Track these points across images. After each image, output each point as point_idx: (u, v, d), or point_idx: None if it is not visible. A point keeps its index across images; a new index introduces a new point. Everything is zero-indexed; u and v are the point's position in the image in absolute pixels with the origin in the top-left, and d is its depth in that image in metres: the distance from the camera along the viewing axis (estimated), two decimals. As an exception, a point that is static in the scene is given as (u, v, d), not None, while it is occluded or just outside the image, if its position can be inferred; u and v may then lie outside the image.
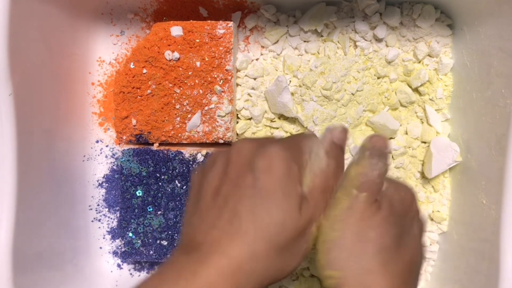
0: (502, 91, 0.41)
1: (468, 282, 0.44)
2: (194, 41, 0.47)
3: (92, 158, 0.53)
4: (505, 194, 0.39)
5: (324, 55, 0.49)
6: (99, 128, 0.53)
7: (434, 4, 0.48)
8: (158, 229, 0.50)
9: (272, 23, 0.50)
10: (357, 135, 0.49)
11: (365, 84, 0.48)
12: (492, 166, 0.42)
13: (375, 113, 0.49)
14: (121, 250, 0.50)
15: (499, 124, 0.41)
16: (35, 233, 0.44)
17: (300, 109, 0.48)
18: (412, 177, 0.50)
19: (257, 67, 0.50)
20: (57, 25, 0.47)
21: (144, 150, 0.49)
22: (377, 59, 0.49)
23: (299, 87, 0.48)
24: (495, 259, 0.39)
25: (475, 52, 0.45)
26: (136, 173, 0.49)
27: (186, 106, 0.48)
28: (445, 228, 0.49)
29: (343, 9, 0.49)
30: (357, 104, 0.48)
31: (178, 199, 0.49)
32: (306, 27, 0.48)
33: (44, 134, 0.45)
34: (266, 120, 0.50)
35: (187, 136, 0.49)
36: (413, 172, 0.50)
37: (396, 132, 0.49)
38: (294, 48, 0.50)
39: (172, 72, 0.48)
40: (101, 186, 0.53)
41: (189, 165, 0.49)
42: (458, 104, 0.48)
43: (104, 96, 0.53)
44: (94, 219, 0.53)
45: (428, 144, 0.49)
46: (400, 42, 0.49)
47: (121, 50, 0.53)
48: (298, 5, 0.49)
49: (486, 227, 0.42)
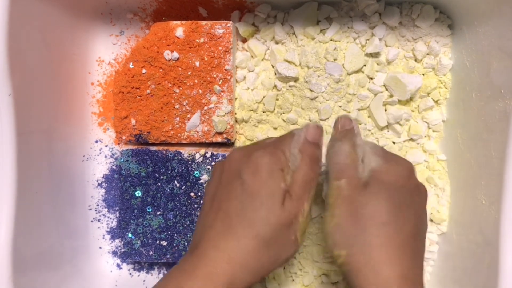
0: (502, 91, 0.41)
1: (468, 282, 0.44)
2: (193, 41, 0.47)
3: (91, 158, 0.53)
4: (504, 194, 0.39)
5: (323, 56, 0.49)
6: (98, 128, 0.53)
7: (434, 4, 0.48)
8: (157, 230, 0.49)
9: (267, 22, 0.50)
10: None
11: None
12: (492, 166, 0.42)
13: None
14: (121, 251, 0.50)
15: (498, 124, 0.41)
16: (35, 233, 0.44)
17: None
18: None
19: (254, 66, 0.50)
20: (57, 25, 0.47)
21: (142, 150, 0.49)
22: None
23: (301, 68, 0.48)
24: (494, 259, 0.39)
25: (474, 52, 0.45)
26: (135, 173, 0.49)
27: (186, 106, 0.48)
28: (445, 229, 0.49)
29: (342, 8, 0.49)
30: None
31: (177, 199, 0.49)
32: (298, 29, 0.49)
33: (44, 134, 0.45)
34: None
35: (187, 136, 0.49)
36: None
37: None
38: (291, 48, 0.50)
39: (172, 72, 0.48)
40: (100, 186, 0.53)
41: (188, 165, 0.49)
42: (457, 104, 0.48)
43: (103, 96, 0.53)
44: (93, 219, 0.53)
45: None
46: (400, 42, 0.49)
47: (120, 50, 0.53)
48: (295, 4, 0.49)
49: (486, 227, 0.42)
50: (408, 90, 0.48)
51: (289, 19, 0.49)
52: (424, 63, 0.49)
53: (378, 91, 0.49)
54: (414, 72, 0.49)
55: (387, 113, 0.49)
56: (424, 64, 0.49)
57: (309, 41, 0.49)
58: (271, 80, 0.50)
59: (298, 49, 0.49)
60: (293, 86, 0.49)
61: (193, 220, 0.49)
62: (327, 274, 0.51)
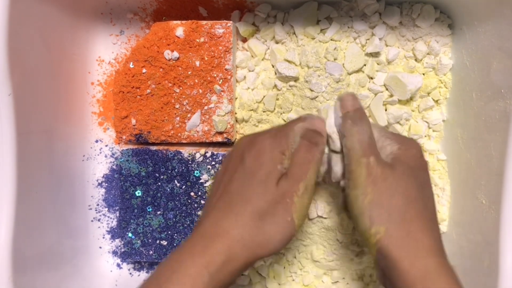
0: (502, 91, 0.41)
1: (468, 282, 0.44)
2: (193, 41, 0.47)
3: (91, 157, 0.53)
4: (504, 194, 0.39)
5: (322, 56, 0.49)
6: (98, 128, 0.53)
7: (434, 4, 0.48)
8: (157, 229, 0.49)
9: (267, 22, 0.50)
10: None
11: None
12: (492, 166, 0.42)
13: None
14: (121, 251, 0.50)
15: (498, 124, 0.41)
16: (35, 233, 0.44)
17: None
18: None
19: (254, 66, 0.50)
20: (57, 25, 0.47)
21: (143, 150, 0.49)
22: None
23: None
24: (494, 259, 0.39)
25: (474, 52, 0.45)
26: (135, 173, 0.49)
27: (186, 105, 0.48)
28: (445, 229, 0.49)
29: (342, 8, 0.49)
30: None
31: (177, 199, 0.49)
32: (298, 28, 0.49)
33: (44, 133, 0.45)
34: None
35: (187, 135, 0.49)
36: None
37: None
38: (292, 48, 0.50)
39: (172, 71, 0.48)
40: (100, 186, 0.53)
41: (188, 165, 0.49)
42: (457, 104, 0.48)
43: (103, 96, 0.53)
44: (93, 219, 0.53)
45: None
46: (400, 41, 0.49)
47: (120, 49, 0.53)
48: (295, 4, 0.49)
49: (486, 227, 0.42)
50: (408, 89, 0.48)
51: (289, 19, 0.49)
52: (424, 63, 0.49)
53: (378, 91, 0.49)
54: (414, 72, 0.49)
55: (387, 113, 0.49)
56: (424, 63, 0.49)
57: (309, 40, 0.49)
58: (271, 80, 0.50)
59: (298, 49, 0.49)
60: (293, 85, 0.49)
61: (193, 220, 0.49)
62: (328, 274, 0.51)
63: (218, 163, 0.49)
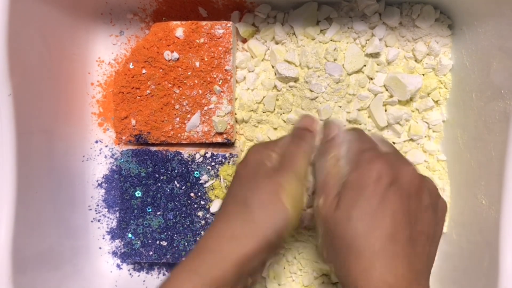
0: (502, 91, 0.41)
1: (468, 282, 0.44)
2: (193, 41, 0.47)
3: (91, 158, 0.53)
4: (504, 195, 0.39)
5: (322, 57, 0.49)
6: (98, 129, 0.53)
7: (434, 4, 0.48)
8: (157, 230, 0.49)
9: (266, 23, 0.50)
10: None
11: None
12: (492, 166, 0.42)
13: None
14: (121, 251, 0.50)
15: (498, 124, 0.41)
16: (35, 233, 0.44)
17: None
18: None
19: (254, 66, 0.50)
20: (57, 25, 0.47)
21: (142, 150, 0.49)
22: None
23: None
24: (494, 259, 0.39)
25: (474, 52, 0.45)
26: (135, 174, 0.49)
27: (186, 106, 0.48)
28: (444, 229, 0.49)
29: (342, 9, 0.49)
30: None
31: (177, 200, 0.49)
32: (298, 29, 0.49)
33: (44, 134, 0.45)
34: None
35: (187, 136, 0.49)
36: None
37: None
38: (292, 49, 0.50)
39: (172, 72, 0.48)
40: (100, 186, 0.53)
41: (188, 166, 0.49)
42: (457, 105, 0.48)
43: (103, 97, 0.53)
44: (93, 219, 0.53)
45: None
46: (400, 42, 0.49)
47: (120, 50, 0.53)
48: (295, 4, 0.50)
49: (486, 227, 0.42)
50: (408, 90, 0.48)
51: (289, 19, 0.49)
52: (424, 64, 0.49)
53: (378, 92, 0.49)
54: (414, 73, 0.49)
55: (387, 114, 0.49)
56: (424, 64, 0.49)
57: (309, 41, 0.49)
58: (271, 81, 0.50)
59: (298, 50, 0.49)
60: (293, 86, 0.49)
61: (193, 221, 0.49)
62: (327, 274, 0.51)
63: (218, 163, 0.49)
